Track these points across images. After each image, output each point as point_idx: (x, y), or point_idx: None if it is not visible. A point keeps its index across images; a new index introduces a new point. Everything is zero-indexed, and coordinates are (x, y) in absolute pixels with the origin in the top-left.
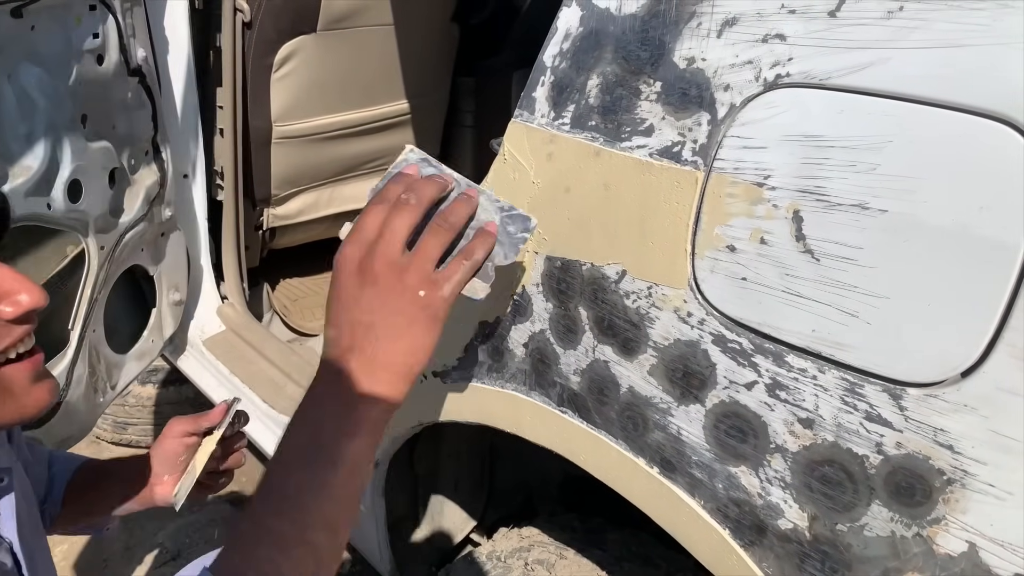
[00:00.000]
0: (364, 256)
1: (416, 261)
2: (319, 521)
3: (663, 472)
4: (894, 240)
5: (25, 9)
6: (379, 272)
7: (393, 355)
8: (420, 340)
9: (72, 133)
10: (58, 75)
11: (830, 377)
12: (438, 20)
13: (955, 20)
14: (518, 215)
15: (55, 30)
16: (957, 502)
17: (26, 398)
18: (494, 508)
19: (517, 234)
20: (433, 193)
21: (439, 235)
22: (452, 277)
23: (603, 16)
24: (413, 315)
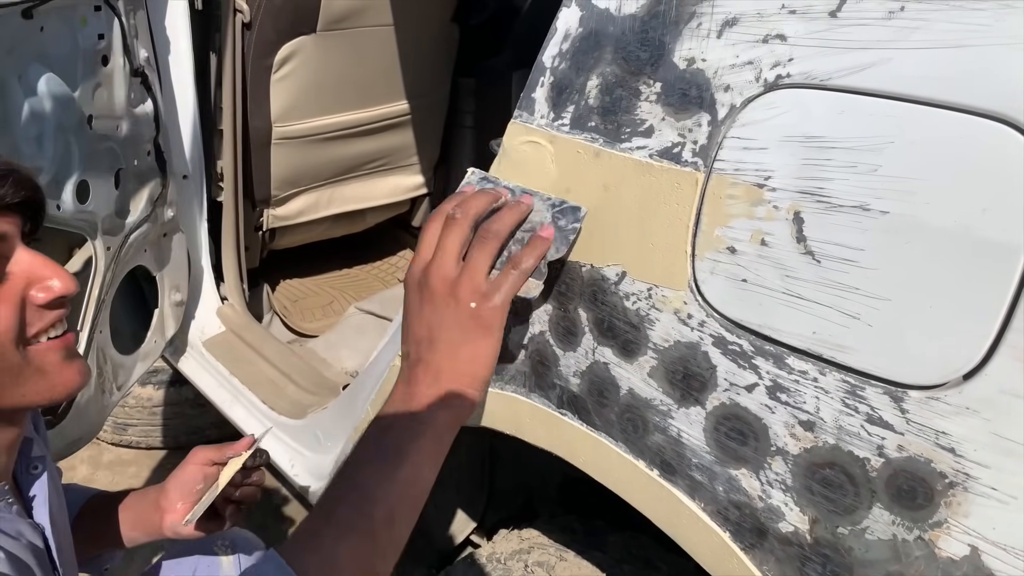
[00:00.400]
0: (422, 275)
1: (466, 275)
2: (380, 513)
3: (663, 474)
4: (895, 241)
5: (35, 10)
6: (434, 288)
7: (455, 365)
8: (479, 349)
9: (80, 134)
10: (66, 76)
11: (831, 379)
12: (438, 20)
13: (956, 20)
14: (568, 207)
15: (63, 31)
16: (959, 505)
17: (57, 378)
18: (494, 510)
19: (568, 226)
20: (481, 206)
21: (485, 246)
22: (502, 287)
23: (603, 17)
24: (467, 327)
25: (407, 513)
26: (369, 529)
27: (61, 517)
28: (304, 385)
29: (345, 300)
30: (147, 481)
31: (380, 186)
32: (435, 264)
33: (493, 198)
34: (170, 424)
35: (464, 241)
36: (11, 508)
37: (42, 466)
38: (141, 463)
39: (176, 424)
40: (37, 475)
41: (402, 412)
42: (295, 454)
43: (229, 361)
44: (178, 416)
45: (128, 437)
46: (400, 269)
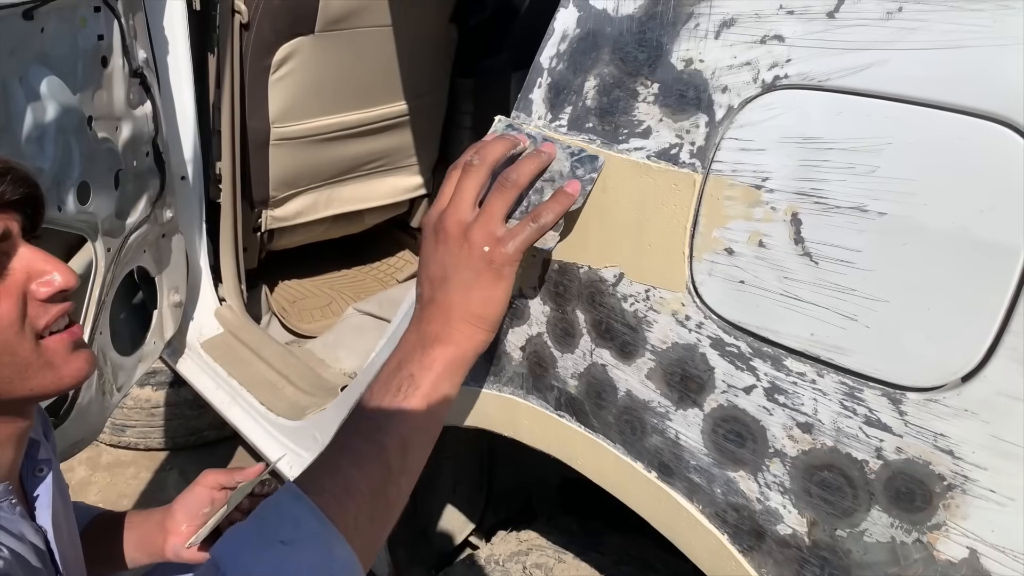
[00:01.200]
0: (438, 218)
1: (481, 219)
2: (392, 440)
3: (661, 476)
4: (893, 243)
5: (36, 11)
6: (449, 231)
7: (466, 305)
8: (489, 292)
9: (80, 135)
10: (66, 77)
11: (829, 381)
12: (436, 21)
13: (955, 21)
14: (587, 156)
15: (63, 32)
16: (958, 508)
17: (65, 368)
18: (492, 511)
19: (585, 176)
20: (499, 151)
21: (503, 193)
22: (518, 236)
23: (600, 17)
24: (479, 269)
25: (420, 443)
26: (383, 457)
27: (67, 523)
28: (302, 386)
29: (343, 301)
30: (146, 482)
31: (379, 187)
32: (451, 208)
33: (512, 144)
34: (168, 425)
35: (481, 187)
36: (14, 509)
37: (47, 469)
38: (139, 464)
39: (174, 425)
40: (42, 477)
41: (414, 348)
42: (293, 456)
43: (227, 362)
44: (176, 417)
45: (127, 438)
46: (398, 270)
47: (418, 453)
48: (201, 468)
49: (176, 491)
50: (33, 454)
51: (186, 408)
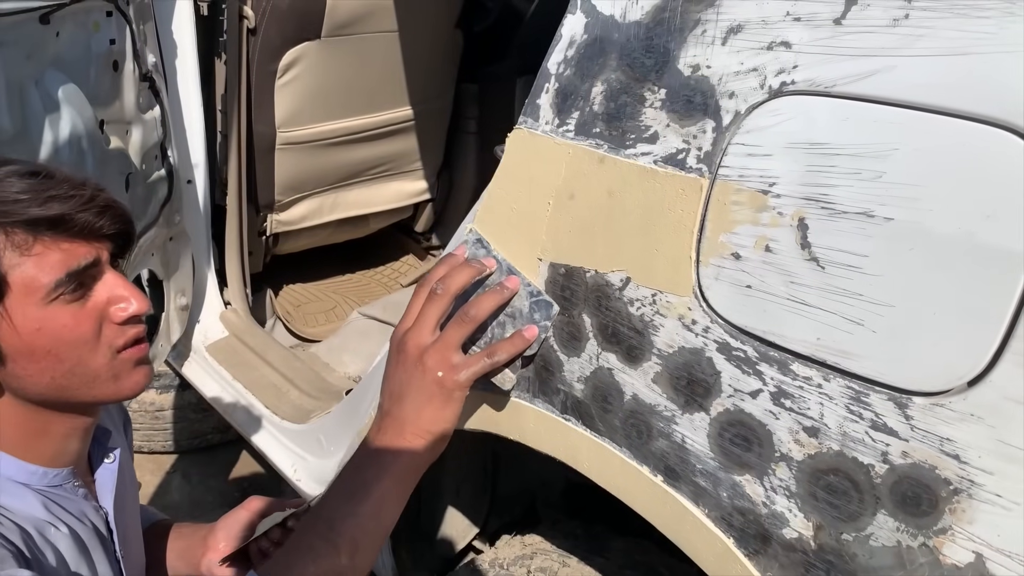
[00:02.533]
0: (401, 338)
1: (438, 346)
2: (345, 542)
3: (667, 480)
4: (899, 248)
5: (52, 15)
6: (409, 353)
7: (418, 421)
8: (439, 412)
9: (93, 138)
10: (80, 81)
11: (835, 386)
12: (442, 27)
13: (961, 28)
14: (543, 301)
15: (77, 36)
16: (964, 512)
17: (126, 381)
18: (496, 515)
19: (541, 322)
20: (463, 280)
21: (461, 326)
22: (472, 367)
23: (607, 23)
24: (432, 392)
25: (369, 544)
26: (335, 556)
27: (131, 507)
28: (307, 390)
29: (348, 305)
30: (150, 486)
31: (383, 191)
32: (413, 331)
33: (478, 271)
34: (172, 428)
35: (442, 313)
36: (77, 491)
37: (115, 456)
38: (144, 468)
39: (179, 428)
40: (109, 464)
41: (371, 456)
42: (297, 459)
43: (232, 366)
44: (181, 420)
45: None
46: (403, 274)
47: (367, 553)
48: (205, 471)
49: (180, 494)
50: (104, 441)
51: (190, 411)
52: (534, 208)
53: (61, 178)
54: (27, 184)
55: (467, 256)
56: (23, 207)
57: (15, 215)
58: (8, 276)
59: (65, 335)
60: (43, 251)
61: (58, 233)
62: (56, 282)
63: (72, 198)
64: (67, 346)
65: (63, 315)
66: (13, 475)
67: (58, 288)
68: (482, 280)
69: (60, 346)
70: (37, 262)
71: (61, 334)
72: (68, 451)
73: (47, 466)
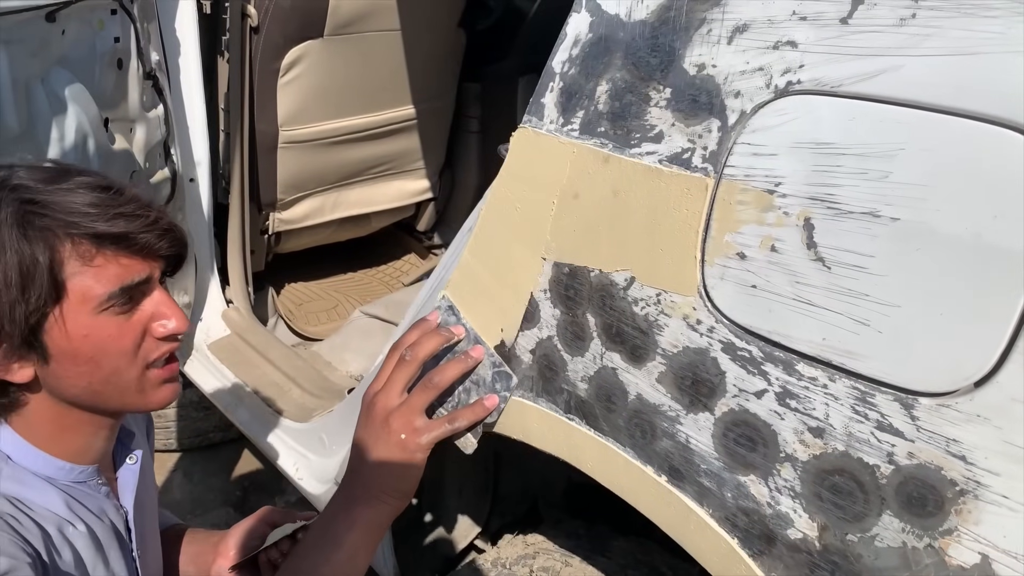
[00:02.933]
0: (371, 400)
1: (403, 409)
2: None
3: (671, 480)
4: (906, 248)
5: (58, 13)
6: (376, 414)
7: (382, 478)
8: (402, 471)
9: (98, 136)
10: (85, 79)
11: (841, 386)
12: (444, 26)
13: (968, 28)
14: (504, 372)
15: (82, 35)
16: (970, 513)
17: (154, 395)
18: (498, 515)
19: (501, 392)
20: (431, 348)
21: (425, 392)
22: (433, 431)
23: (613, 22)
24: (395, 451)
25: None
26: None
27: (151, 509)
28: (309, 388)
29: (350, 304)
30: None
31: (385, 190)
32: (381, 393)
33: (446, 340)
34: (174, 427)
35: (410, 379)
36: (100, 488)
37: (137, 457)
38: None
39: (180, 427)
40: (131, 465)
41: (340, 509)
42: (300, 458)
43: (234, 364)
44: (182, 419)
45: None
46: (404, 273)
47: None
48: (206, 470)
49: (181, 493)
50: (127, 443)
51: (192, 410)
52: (538, 207)
53: (129, 196)
54: (97, 197)
55: (439, 321)
56: (91, 220)
57: (83, 227)
58: (68, 283)
59: (108, 344)
60: (103, 263)
61: (120, 248)
62: (110, 294)
63: (138, 218)
64: (108, 355)
65: (110, 325)
66: (40, 469)
67: (111, 300)
68: (452, 346)
69: (102, 354)
70: (96, 273)
71: (105, 343)
72: (94, 449)
73: (73, 462)
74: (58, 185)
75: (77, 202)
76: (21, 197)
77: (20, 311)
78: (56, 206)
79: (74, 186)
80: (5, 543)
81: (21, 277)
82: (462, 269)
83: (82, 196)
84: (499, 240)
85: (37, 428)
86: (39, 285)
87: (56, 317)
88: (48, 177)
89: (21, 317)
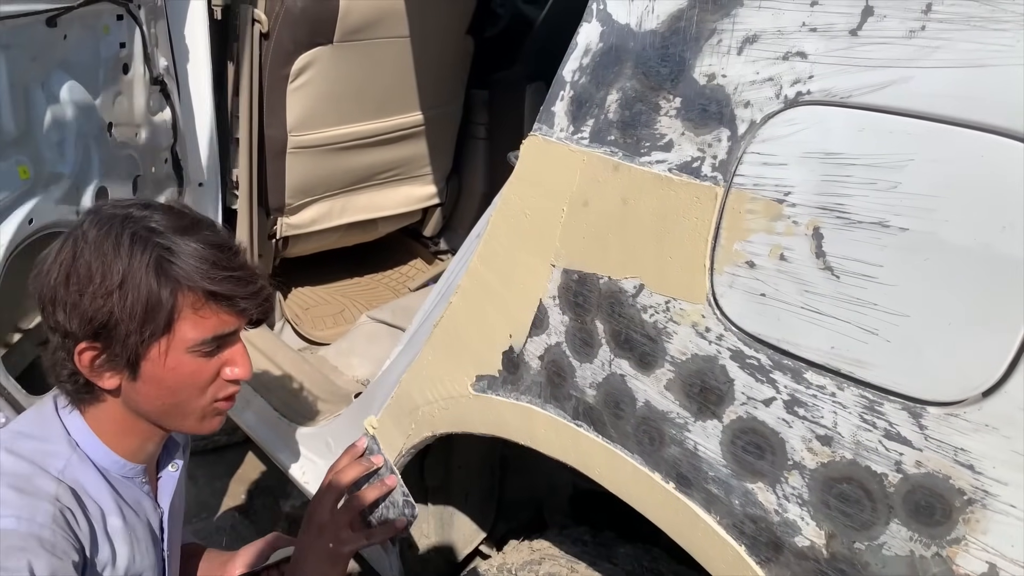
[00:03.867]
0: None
1: (331, 525)
2: None
3: (679, 487)
4: (915, 258)
5: (59, 18)
6: (312, 526)
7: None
8: (329, 570)
9: (100, 141)
10: (88, 84)
11: (849, 394)
12: (453, 33)
13: (978, 40)
14: (410, 501)
15: (86, 40)
16: (978, 522)
17: (208, 423)
18: (504, 520)
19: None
20: (353, 475)
21: (347, 512)
22: (353, 544)
23: (623, 32)
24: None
25: None
26: None
27: (178, 512)
28: (315, 393)
29: (356, 308)
30: None
31: (392, 196)
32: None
33: (367, 468)
34: None
35: (338, 499)
36: (143, 486)
37: (179, 466)
38: None
39: None
40: (172, 472)
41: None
42: (306, 462)
43: None
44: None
45: None
46: (411, 278)
47: None
48: (211, 473)
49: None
50: (172, 452)
51: None
52: (548, 214)
53: (242, 261)
54: (216, 256)
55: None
56: (206, 277)
57: (198, 283)
58: (176, 324)
59: (188, 379)
60: (207, 315)
61: (222, 305)
62: (203, 341)
63: (245, 283)
64: (185, 388)
65: (193, 363)
66: (99, 459)
67: (202, 345)
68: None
69: (180, 386)
70: (198, 321)
71: (186, 378)
72: (145, 451)
73: (126, 459)
74: (187, 237)
75: (201, 257)
76: (159, 243)
77: (134, 339)
78: (184, 257)
79: (201, 240)
80: (60, 540)
81: (144, 313)
82: (471, 275)
83: (206, 251)
84: (508, 246)
85: (105, 424)
86: (156, 322)
87: (157, 348)
88: (182, 227)
89: (133, 344)
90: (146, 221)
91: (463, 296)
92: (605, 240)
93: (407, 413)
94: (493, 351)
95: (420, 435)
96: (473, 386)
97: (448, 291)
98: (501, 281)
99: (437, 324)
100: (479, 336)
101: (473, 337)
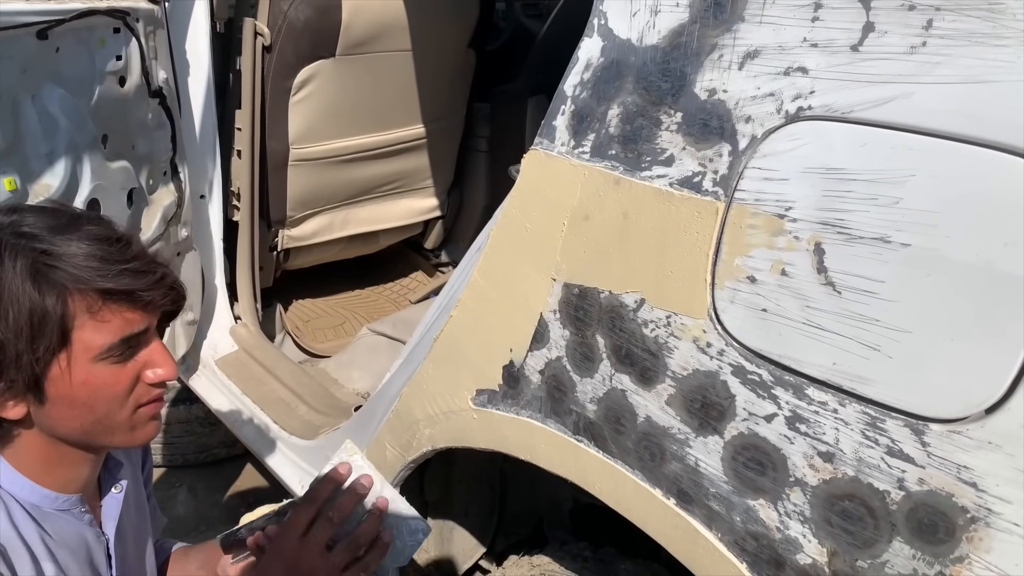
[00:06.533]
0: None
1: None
2: None
3: (680, 503)
4: (917, 274)
5: (51, 31)
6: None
7: None
8: None
9: (92, 153)
10: (81, 96)
11: (851, 411)
12: (455, 46)
13: (979, 56)
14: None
15: (79, 52)
16: (981, 541)
17: (140, 431)
18: (504, 535)
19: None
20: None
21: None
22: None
23: (624, 47)
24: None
25: None
26: None
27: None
28: (315, 406)
29: (357, 321)
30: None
31: (394, 208)
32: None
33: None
34: (179, 442)
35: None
36: (83, 516)
37: (122, 487)
38: None
39: (185, 442)
40: (115, 494)
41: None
42: (305, 475)
43: (241, 380)
44: (188, 434)
45: None
46: (412, 291)
47: None
48: (211, 485)
49: (185, 508)
50: (115, 472)
51: (197, 425)
52: (549, 228)
53: (136, 251)
54: (106, 251)
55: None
56: (98, 275)
57: (88, 283)
58: (73, 333)
59: (104, 390)
60: (108, 317)
61: (124, 303)
62: (110, 346)
63: (144, 274)
64: (102, 400)
65: (106, 373)
66: (27, 497)
67: (110, 351)
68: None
69: (96, 399)
70: (100, 325)
71: (101, 389)
72: (79, 478)
73: (58, 491)
74: (68, 236)
75: (87, 255)
76: (34, 247)
77: (27, 359)
78: (67, 258)
79: (84, 236)
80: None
81: (31, 328)
82: (472, 288)
83: (91, 248)
84: (509, 260)
85: (26, 458)
86: (48, 336)
87: (58, 364)
88: (58, 225)
89: (27, 364)
90: (15, 227)
91: (464, 310)
92: (606, 254)
93: (407, 427)
94: (493, 365)
95: (420, 449)
96: (473, 400)
97: (449, 304)
98: (502, 295)
99: (437, 338)
100: (479, 350)
101: (473, 351)
